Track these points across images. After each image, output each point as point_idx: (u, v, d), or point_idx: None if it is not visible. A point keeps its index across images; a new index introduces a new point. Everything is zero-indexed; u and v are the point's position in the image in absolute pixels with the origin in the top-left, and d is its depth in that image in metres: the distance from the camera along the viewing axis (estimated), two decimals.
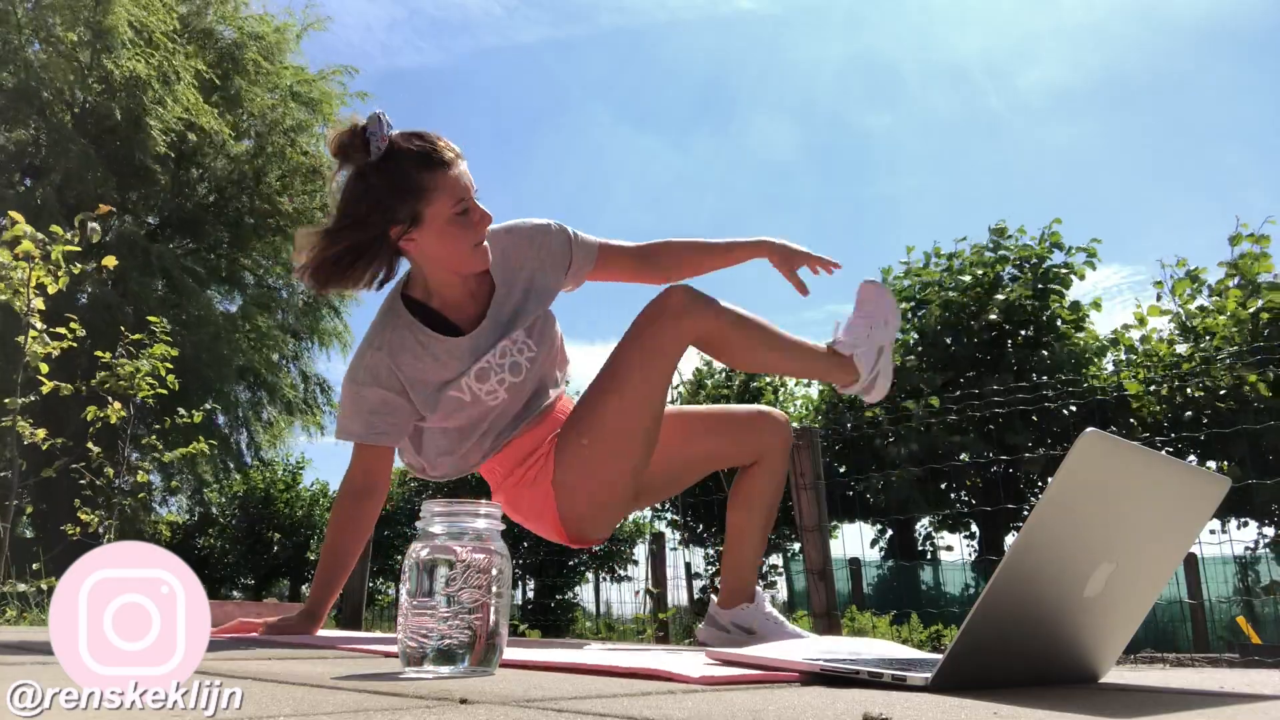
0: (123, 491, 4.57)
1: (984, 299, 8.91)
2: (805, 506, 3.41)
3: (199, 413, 4.97)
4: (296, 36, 12.75)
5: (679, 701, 0.73)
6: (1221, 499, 1.00)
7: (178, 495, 13.16)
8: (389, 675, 0.90)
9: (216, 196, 12.33)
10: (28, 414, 3.91)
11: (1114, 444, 0.84)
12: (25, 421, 3.88)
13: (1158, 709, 0.81)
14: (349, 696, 0.72)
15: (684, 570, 6.67)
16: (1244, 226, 7.64)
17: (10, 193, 10.52)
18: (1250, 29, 36.92)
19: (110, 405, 4.17)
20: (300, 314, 13.35)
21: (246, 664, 1.03)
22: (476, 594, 0.91)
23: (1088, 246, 8.93)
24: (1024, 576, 0.85)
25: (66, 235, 3.80)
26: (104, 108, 10.37)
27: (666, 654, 1.34)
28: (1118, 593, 0.95)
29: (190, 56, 10.99)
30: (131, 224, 11.04)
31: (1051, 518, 0.84)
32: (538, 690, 0.79)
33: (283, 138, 12.16)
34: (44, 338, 3.83)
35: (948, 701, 0.77)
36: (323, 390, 13.94)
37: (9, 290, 3.72)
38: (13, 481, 3.75)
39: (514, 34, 32.02)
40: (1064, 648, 0.98)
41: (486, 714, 0.63)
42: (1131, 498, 0.91)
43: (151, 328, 4.56)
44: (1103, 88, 53.01)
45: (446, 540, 0.93)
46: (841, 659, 1.00)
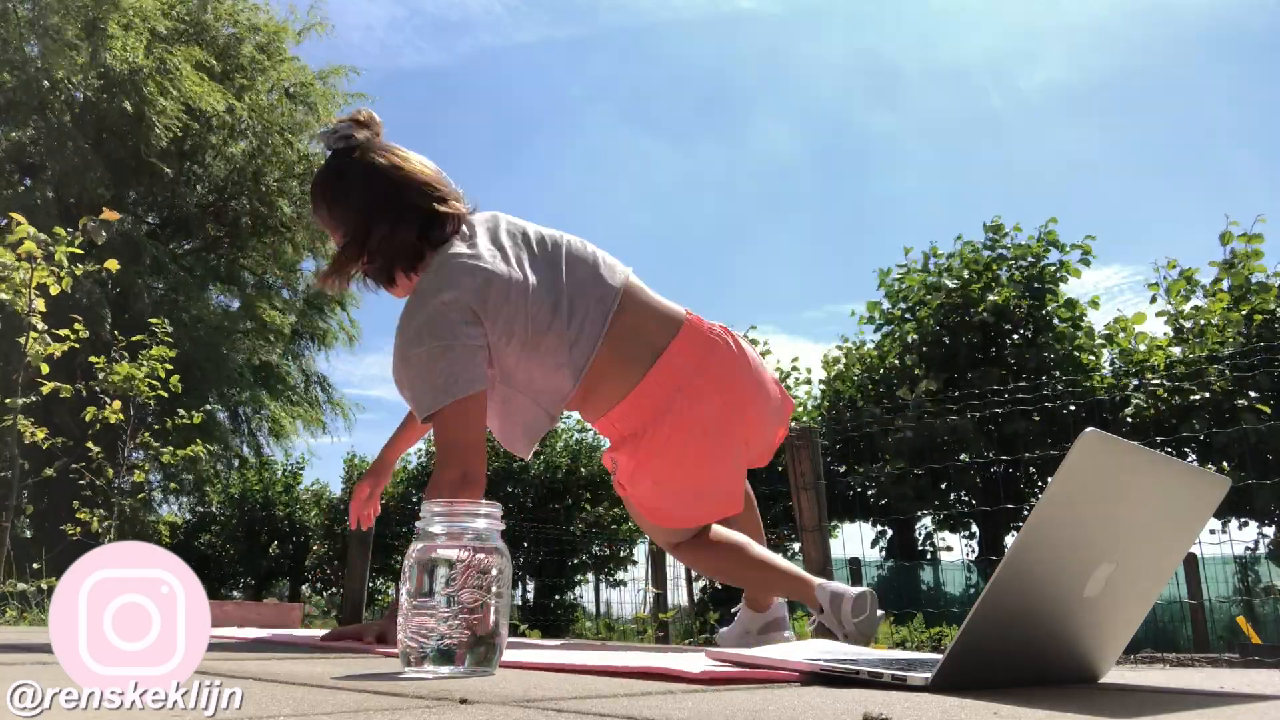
0: (123, 491, 4.57)
1: (979, 298, 8.92)
2: (805, 506, 3.41)
3: (199, 413, 4.97)
4: (297, 34, 12.75)
5: (679, 701, 0.73)
6: (1221, 499, 1.01)
7: (177, 495, 13.16)
8: (389, 675, 0.90)
9: (215, 196, 12.32)
10: (28, 414, 3.91)
11: (1114, 444, 0.84)
12: (26, 421, 3.88)
13: (1158, 709, 0.81)
14: (349, 696, 0.72)
15: (684, 571, 6.66)
16: (1234, 224, 7.64)
17: (9, 192, 10.52)
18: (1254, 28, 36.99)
19: (109, 405, 4.17)
20: (300, 313, 13.36)
21: (246, 664, 1.03)
22: (476, 594, 0.91)
23: (1083, 244, 8.94)
24: (1024, 576, 0.85)
25: (68, 236, 3.80)
26: (103, 103, 10.37)
27: (665, 655, 1.34)
28: (1118, 593, 0.95)
29: (188, 44, 10.98)
30: (131, 223, 11.03)
31: (1051, 518, 0.84)
32: (538, 690, 0.79)
33: (281, 138, 12.15)
34: (45, 338, 3.83)
35: (948, 701, 0.77)
36: (323, 388, 13.94)
37: (10, 290, 3.72)
38: (13, 481, 3.75)
39: (514, 34, 32.05)
40: (1064, 648, 0.98)
41: (486, 714, 0.63)
42: (1131, 498, 0.91)
43: (152, 329, 4.57)
44: (1104, 88, 53.04)
45: (446, 540, 0.93)
46: (841, 659, 1.01)
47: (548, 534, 10.01)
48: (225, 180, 12.18)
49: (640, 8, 46.45)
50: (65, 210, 9.74)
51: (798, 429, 3.60)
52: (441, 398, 1.51)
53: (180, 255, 12.29)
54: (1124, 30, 47.67)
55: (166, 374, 4.46)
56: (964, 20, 51.14)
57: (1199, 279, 7.99)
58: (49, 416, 4.82)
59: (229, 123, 11.54)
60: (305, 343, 13.68)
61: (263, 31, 12.31)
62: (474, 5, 30.68)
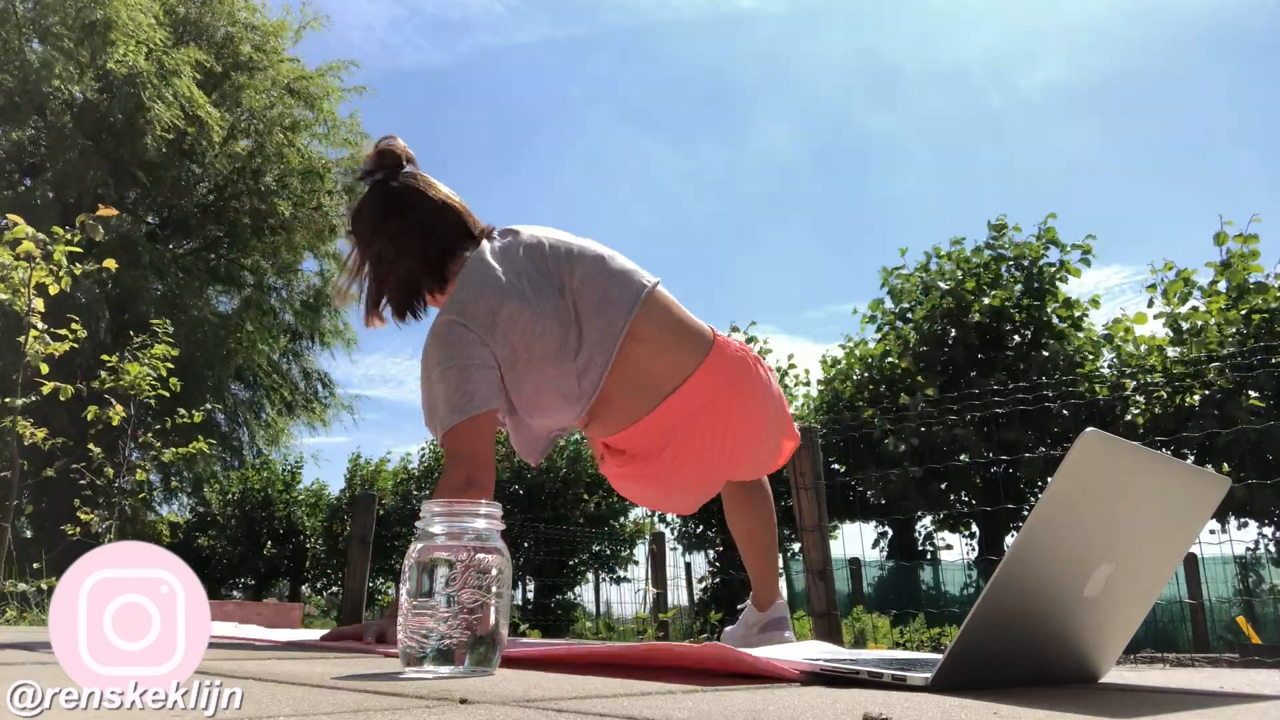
0: (123, 491, 4.57)
1: (979, 298, 8.92)
2: (805, 506, 3.41)
3: (199, 413, 4.97)
4: (296, 33, 12.74)
5: (679, 701, 0.73)
6: (1221, 499, 1.01)
7: (177, 495, 13.17)
8: (389, 675, 0.90)
9: (215, 196, 12.32)
10: (28, 414, 3.91)
11: (1114, 444, 0.84)
12: (25, 421, 3.88)
13: (1158, 709, 0.81)
14: (349, 696, 0.72)
15: (684, 571, 6.66)
16: (1229, 224, 7.64)
17: (9, 192, 10.52)
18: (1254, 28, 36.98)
19: (112, 407, 4.17)
20: (299, 313, 13.36)
21: (246, 664, 1.03)
22: (476, 594, 0.91)
23: (1083, 244, 8.94)
24: (1024, 576, 0.85)
25: (67, 235, 3.80)
26: (103, 104, 10.37)
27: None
28: (1118, 593, 0.95)
29: (185, 47, 10.97)
30: (130, 223, 11.03)
31: (1051, 518, 0.84)
32: (538, 690, 0.79)
33: (281, 136, 12.14)
34: (45, 338, 3.83)
35: (948, 701, 0.77)
36: (324, 385, 13.94)
37: (9, 290, 3.72)
38: (13, 481, 3.75)
39: (514, 34, 32.07)
40: (1064, 648, 0.98)
41: (486, 714, 0.63)
42: (1131, 498, 0.91)
43: (154, 329, 4.57)
44: (1105, 87, 53.02)
45: (446, 540, 0.93)
46: (841, 659, 1.01)
47: (548, 534, 10.01)
48: (224, 180, 12.17)
49: (640, 8, 46.46)
50: (65, 210, 9.73)
51: (798, 429, 3.60)
52: (455, 415, 1.55)
53: (180, 255, 12.29)
54: (1124, 30, 47.66)
55: (168, 374, 4.46)
56: (964, 20, 51.11)
57: (1196, 279, 7.99)
58: (48, 417, 4.81)
59: (228, 123, 11.54)
60: (305, 342, 13.68)
61: (260, 30, 12.31)
62: (474, 5, 30.71)
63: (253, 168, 12.11)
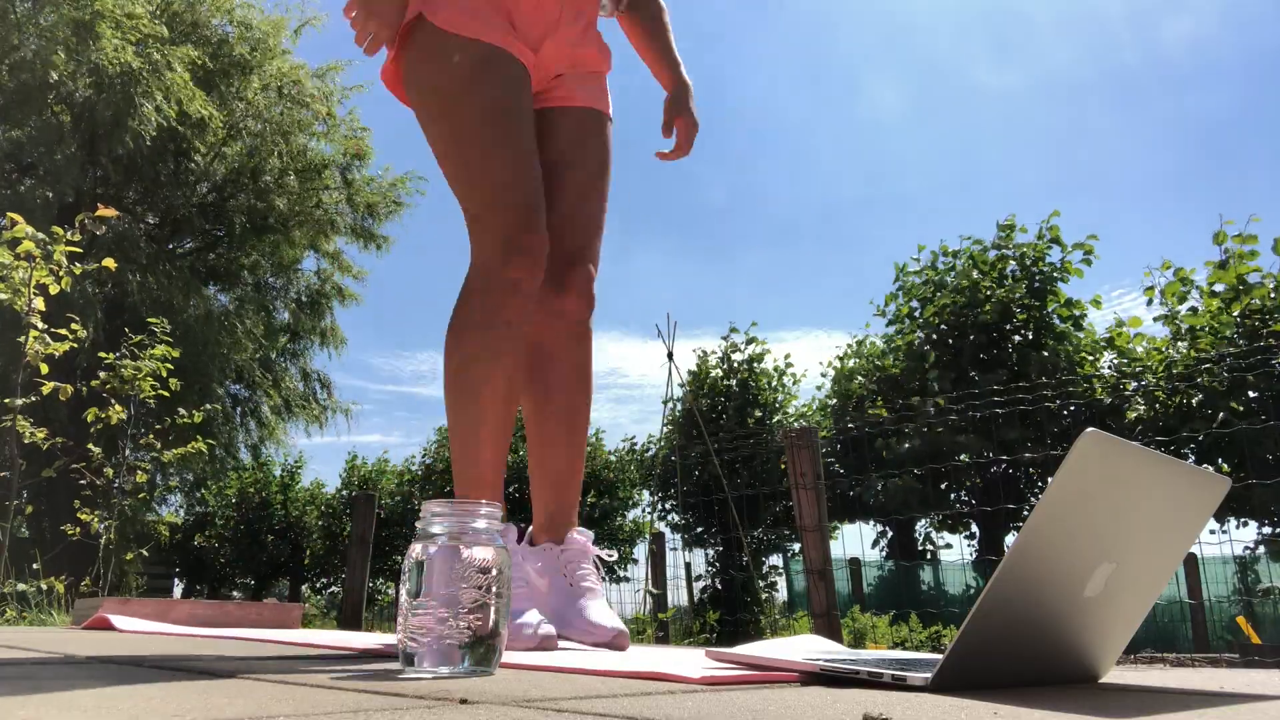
0: (123, 491, 4.57)
1: (983, 298, 8.93)
2: (805, 506, 3.41)
3: (199, 413, 4.97)
4: (295, 32, 12.74)
5: (679, 702, 0.73)
6: (1221, 499, 1.00)
7: (176, 495, 13.15)
8: (389, 675, 0.90)
9: (214, 195, 12.32)
10: (28, 414, 3.90)
11: (1114, 444, 0.84)
12: (25, 421, 3.88)
13: (1158, 709, 0.81)
14: (349, 696, 0.72)
15: (684, 570, 6.67)
16: (1228, 224, 7.67)
17: (8, 192, 10.51)
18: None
19: (111, 407, 4.17)
20: (298, 313, 13.35)
21: (247, 663, 1.03)
22: (476, 594, 0.91)
23: (1084, 244, 8.95)
24: (1024, 576, 0.85)
25: (67, 235, 3.80)
26: (100, 103, 10.36)
27: (665, 656, 1.34)
28: (1118, 593, 0.95)
29: (182, 45, 10.96)
30: (129, 223, 11.02)
31: (1051, 518, 0.84)
32: (537, 690, 0.79)
33: (278, 135, 12.14)
34: (45, 338, 3.83)
35: (948, 701, 0.77)
36: (323, 385, 13.93)
37: (9, 290, 3.72)
38: (13, 481, 3.75)
39: None
40: (1064, 648, 0.98)
41: (486, 714, 0.63)
42: (1131, 498, 0.91)
43: (152, 329, 4.56)
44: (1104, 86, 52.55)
45: (446, 540, 0.93)
46: (841, 659, 1.01)
47: None
48: (223, 179, 12.17)
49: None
50: (63, 210, 9.73)
51: (798, 429, 3.61)
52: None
53: (178, 255, 12.29)
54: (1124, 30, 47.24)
55: (167, 374, 4.46)
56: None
57: (1194, 279, 8.00)
58: (48, 416, 4.81)
59: (225, 121, 11.53)
60: (304, 341, 13.66)
61: (256, 29, 12.29)
62: None
63: (251, 166, 12.10)
